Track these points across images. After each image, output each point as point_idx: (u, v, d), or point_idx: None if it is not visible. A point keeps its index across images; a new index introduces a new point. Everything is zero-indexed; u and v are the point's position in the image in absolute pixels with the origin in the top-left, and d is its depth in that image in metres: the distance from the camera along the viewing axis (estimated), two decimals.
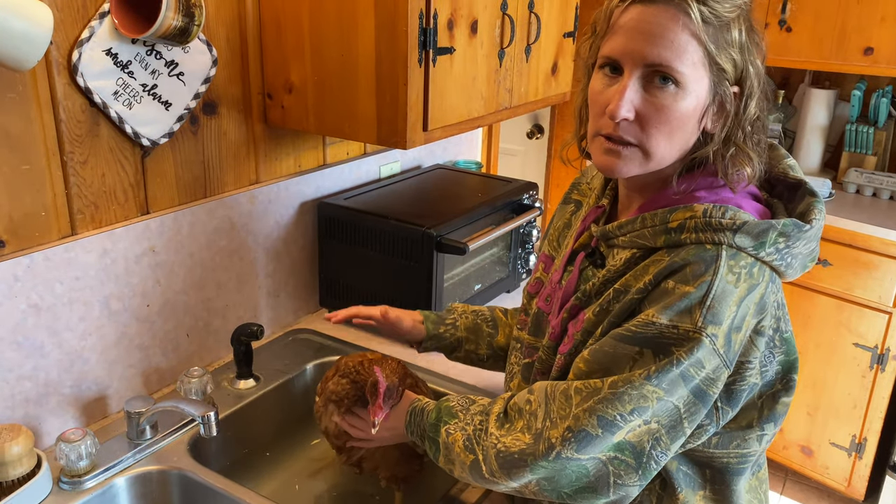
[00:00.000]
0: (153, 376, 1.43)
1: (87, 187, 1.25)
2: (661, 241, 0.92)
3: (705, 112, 0.91)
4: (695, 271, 0.87)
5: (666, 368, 0.86)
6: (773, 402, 0.97)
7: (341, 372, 1.17)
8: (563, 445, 0.89)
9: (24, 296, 1.18)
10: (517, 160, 3.76)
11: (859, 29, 2.61)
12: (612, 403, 0.87)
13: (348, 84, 1.38)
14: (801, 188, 0.99)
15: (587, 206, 1.13)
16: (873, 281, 2.51)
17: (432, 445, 1.05)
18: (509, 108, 1.65)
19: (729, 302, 0.86)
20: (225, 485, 1.19)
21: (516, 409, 0.98)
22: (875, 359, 2.55)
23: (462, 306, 1.36)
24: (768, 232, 0.89)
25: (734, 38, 0.88)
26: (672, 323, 0.86)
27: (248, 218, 1.55)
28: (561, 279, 1.07)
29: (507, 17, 1.53)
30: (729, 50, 0.88)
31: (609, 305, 0.94)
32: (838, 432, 2.71)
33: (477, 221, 1.67)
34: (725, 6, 0.87)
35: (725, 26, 0.87)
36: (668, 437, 0.89)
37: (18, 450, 1.09)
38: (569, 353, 0.98)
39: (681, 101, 0.88)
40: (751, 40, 0.90)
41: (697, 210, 0.90)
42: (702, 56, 0.87)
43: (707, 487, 0.99)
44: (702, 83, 0.88)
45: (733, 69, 0.89)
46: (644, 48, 0.87)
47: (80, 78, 1.18)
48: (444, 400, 1.08)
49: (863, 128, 2.84)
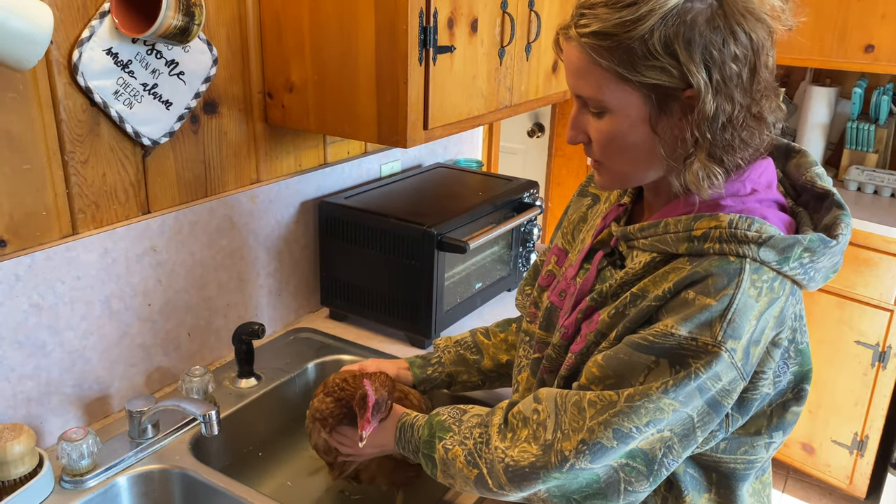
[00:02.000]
0: (155, 375, 1.43)
1: (88, 187, 1.25)
2: (684, 248, 0.90)
3: (656, 123, 0.88)
4: (717, 284, 0.85)
5: (684, 382, 0.85)
6: (783, 410, 0.96)
7: (327, 390, 1.18)
8: (577, 457, 0.89)
9: (25, 295, 1.18)
10: (518, 158, 3.76)
11: (860, 26, 2.60)
12: (629, 416, 0.86)
13: (349, 83, 1.38)
14: (828, 199, 0.96)
15: (607, 202, 1.10)
16: (874, 279, 2.51)
17: (428, 462, 1.04)
18: (510, 107, 1.65)
19: (749, 316, 0.85)
20: (226, 483, 1.19)
21: (520, 418, 0.97)
22: (876, 356, 2.55)
23: (444, 341, 1.36)
24: (794, 247, 0.86)
25: (654, 47, 0.83)
26: (692, 335, 0.85)
27: (248, 217, 1.55)
28: (576, 276, 1.05)
29: (508, 15, 1.53)
30: (650, 62, 0.84)
31: (625, 309, 0.92)
32: (840, 430, 2.71)
33: (477, 220, 1.67)
34: (625, 28, 0.83)
35: (637, 42, 0.83)
36: (680, 445, 0.89)
37: (20, 449, 1.09)
38: (580, 352, 0.97)
39: (615, 125, 0.90)
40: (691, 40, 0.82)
41: (723, 220, 0.87)
42: (615, 78, 0.86)
43: (712, 490, 0.99)
44: (630, 99, 0.87)
45: (669, 76, 0.84)
46: (571, 83, 0.93)
47: (81, 77, 1.18)
48: (435, 414, 1.07)
49: (864, 125, 2.83)
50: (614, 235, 1.01)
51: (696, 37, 0.82)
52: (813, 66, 2.78)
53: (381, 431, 1.11)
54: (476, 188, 1.84)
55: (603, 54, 0.86)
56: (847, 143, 2.90)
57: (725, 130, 0.86)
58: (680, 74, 0.84)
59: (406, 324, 1.64)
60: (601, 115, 0.91)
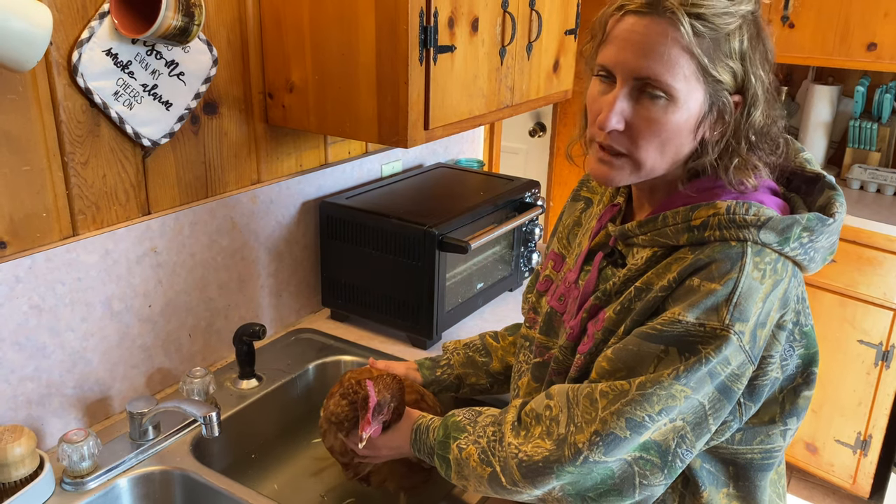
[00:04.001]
0: (156, 377, 1.43)
1: (88, 188, 1.25)
2: (684, 238, 0.91)
3: (701, 122, 0.90)
4: (721, 269, 0.86)
5: (695, 367, 0.85)
6: (795, 396, 0.97)
7: (342, 391, 1.17)
8: (591, 450, 0.88)
9: (25, 297, 1.18)
10: (520, 158, 3.75)
11: (862, 24, 2.60)
12: (641, 405, 0.87)
13: (349, 83, 1.38)
14: (819, 182, 0.98)
15: (600, 204, 1.11)
16: (878, 277, 2.50)
17: (443, 463, 1.04)
18: (511, 107, 1.65)
19: (755, 299, 0.86)
20: (227, 485, 1.19)
21: (533, 415, 0.97)
22: (880, 356, 2.54)
23: (453, 344, 1.37)
24: (793, 227, 0.88)
25: (733, 48, 0.86)
26: (699, 321, 0.86)
27: (249, 218, 1.55)
28: (578, 279, 1.06)
29: (508, 14, 1.52)
30: (727, 61, 0.86)
31: (631, 304, 0.93)
32: (843, 429, 2.70)
33: (479, 220, 1.67)
34: (724, 19, 0.85)
35: (724, 37, 0.85)
36: (693, 434, 0.89)
37: (21, 451, 1.09)
38: (588, 352, 0.98)
39: (672, 114, 0.87)
40: (754, 48, 0.88)
41: (721, 207, 0.89)
42: (695, 69, 0.86)
43: (731, 485, 0.99)
44: (695, 95, 0.87)
45: (732, 79, 0.88)
46: (634, 61, 0.86)
47: (81, 78, 1.18)
48: (450, 415, 1.07)
49: (866, 124, 2.82)
50: (612, 235, 1.01)
51: (760, 45, 0.86)
52: (815, 64, 2.77)
53: (396, 434, 1.11)
54: (477, 188, 1.83)
55: (701, 41, 0.84)
56: (850, 142, 2.90)
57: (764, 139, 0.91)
58: (739, 80, 0.87)
59: (407, 324, 1.63)
60: (657, 101, 0.87)
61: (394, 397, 1.10)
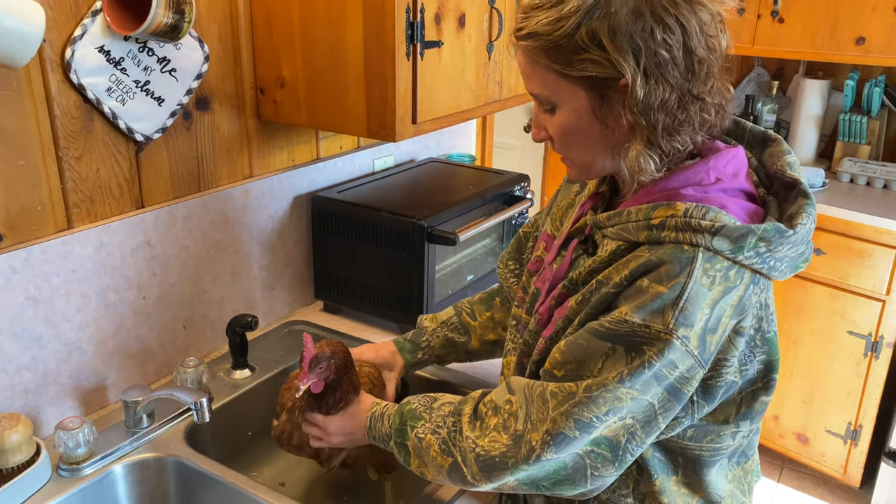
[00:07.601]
0: (150, 367, 1.46)
1: (83, 182, 1.28)
2: (644, 236, 0.92)
3: (597, 114, 0.91)
4: (669, 272, 0.87)
5: (638, 371, 0.87)
6: (752, 399, 0.97)
7: (287, 383, 1.23)
8: (543, 449, 0.91)
9: (21, 288, 1.21)
10: (514, 154, 3.78)
11: (851, 19, 2.62)
12: (588, 406, 0.89)
13: (338, 78, 1.41)
14: (795, 188, 0.96)
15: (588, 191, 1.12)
16: (867, 269, 2.53)
17: (401, 450, 1.07)
18: (499, 101, 1.67)
19: (702, 304, 0.87)
20: (220, 471, 1.22)
21: (490, 407, 0.99)
22: (869, 346, 2.57)
23: (429, 320, 1.39)
24: (747, 237, 0.88)
25: (583, 42, 0.87)
26: (644, 322, 0.87)
27: (242, 212, 1.58)
28: (553, 262, 1.08)
29: (495, 10, 1.55)
30: (583, 56, 0.87)
31: (591, 296, 0.94)
32: (834, 420, 2.73)
33: (468, 213, 1.70)
34: (555, 25, 0.87)
35: (566, 39, 0.88)
36: (642, 431, 0.91)
37: (17, 438, 1.12)
38: (550, 338, 1.00)
39: (564, 118, 0.94)
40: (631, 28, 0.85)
41: (679, 209, 0.89)
42: (555, 76, 0.91)
43: (679, 473, 1.01)
44: (574, 95, 0.91)
45: (602, 67, 0.87)
46: (524, 84, 0.98)
47: (74, 75, 1.21)
48: (405, 403, 1.09)
49: (856, 117, 2.85)
50: (588, 224, 1.03)
51: (621, 27, 0.86)
52: (805, 59, 2.79)
53: (349, 420, 1.13)
54: (468, 182, 1.86)
55: (539, 54, 0.91)
56: (840, 135, 2.92)
57: (660, 113, 0.88)
58: (611, 65, 0.87)
59: (398, 315, 1.66)
60: (553, 112, 0.95)
61: (335, 354, 1.12)
